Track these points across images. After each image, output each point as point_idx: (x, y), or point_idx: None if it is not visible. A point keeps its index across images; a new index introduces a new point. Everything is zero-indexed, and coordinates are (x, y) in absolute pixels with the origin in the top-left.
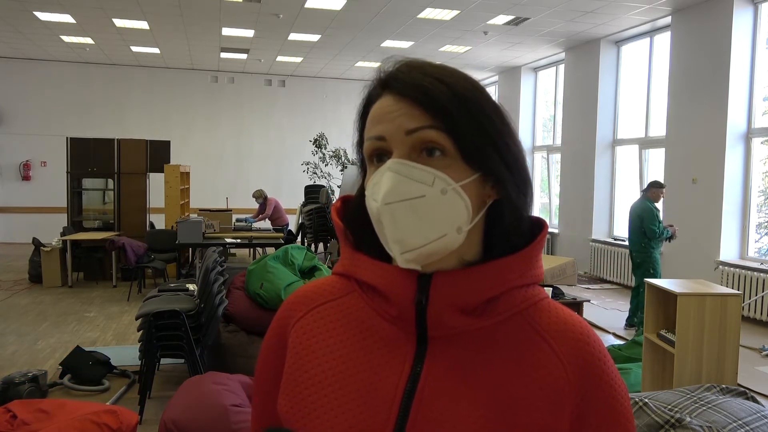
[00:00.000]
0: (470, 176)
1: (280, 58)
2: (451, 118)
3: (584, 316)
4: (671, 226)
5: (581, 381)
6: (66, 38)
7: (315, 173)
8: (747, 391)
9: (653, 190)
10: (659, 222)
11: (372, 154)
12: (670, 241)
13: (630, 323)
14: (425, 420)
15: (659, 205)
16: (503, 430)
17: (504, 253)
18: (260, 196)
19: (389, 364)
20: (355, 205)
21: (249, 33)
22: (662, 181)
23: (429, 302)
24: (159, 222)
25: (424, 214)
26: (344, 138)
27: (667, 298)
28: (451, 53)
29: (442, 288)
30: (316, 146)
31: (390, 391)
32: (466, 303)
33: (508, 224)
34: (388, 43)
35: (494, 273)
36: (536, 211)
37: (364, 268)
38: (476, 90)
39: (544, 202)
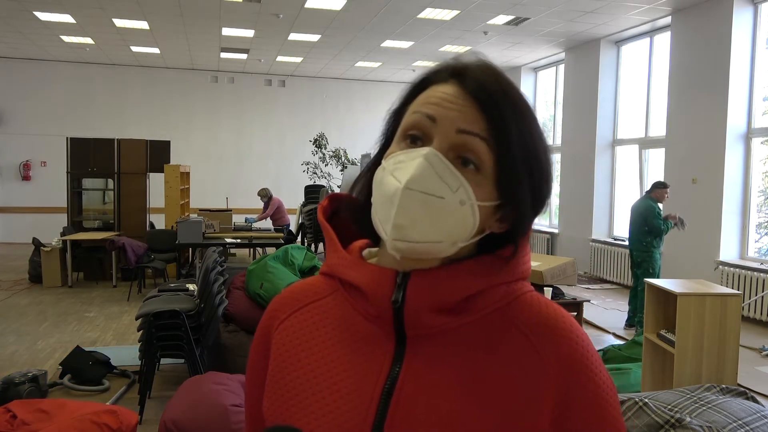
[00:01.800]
0: (491, 201)
1: (280, 58)
2: (507, 140)
3: (584, 316)
4: (672, 216)
5: (562, 375)
6: (66, 38)
7: (315, 173)
8: (747, 391)
9: (657, 190)
10: (662, 218)
11: (409, 131)
12: (681, 229)
13: (630, 323)
14: (403, 419)
15: (662, 205)
16: (482, 428)
17: (487, 250)
18: (265, 195)
19: (369, 363)
20: (364, 182)
21: (249, 33)
22: (663, 181)
23: (405, 302)
24: (159, 222)
25: (435, 215)
26: (344, 138)
27: (667, 298)
28: (451, 53)
29: (419, 287)
30: (316, 146)
31: (369, 390)
32: (443, 302)
33: (503, 242)
34: (388, 43)
35: (473, 271)
36: None
37: (345, 266)
38: (536, 123)
39: None
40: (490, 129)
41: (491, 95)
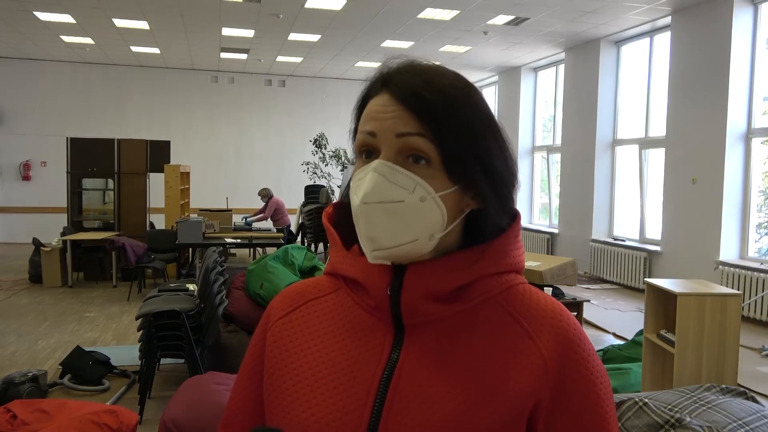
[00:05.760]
0: (450, 188)
1: (280, 58)
2: (441, 131)
3: (584, 316)
4: None
5: (558, 360)
6: (66, 38)
7: (315, 173)
8: (747, 391)
9: None
10: None
11: (361, 148)
12: None
13: None
14: (401, 405)
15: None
16: (479, 412)
17: (479, 243)
18: (265, 195)
19: (368, 354)
20: (347, 198)
21: (249, 33)
22: (662, 181)
23: (402, 291)
24: (159, 222)
25: (400, 218)
26: (344, 138)
27: (667, 298)
28: (451, 53)
29: (415, 277)
30: (316, 146)
31: (368, 379)
32: (438, 290)
33: (484, 228)
34: (388, 43)
35: (466, 262)
36: (536, 211)
37: (347, 264)
38: (472, 105)
39: (544, 202)
40: (423, 124)
41: (415, 92)
